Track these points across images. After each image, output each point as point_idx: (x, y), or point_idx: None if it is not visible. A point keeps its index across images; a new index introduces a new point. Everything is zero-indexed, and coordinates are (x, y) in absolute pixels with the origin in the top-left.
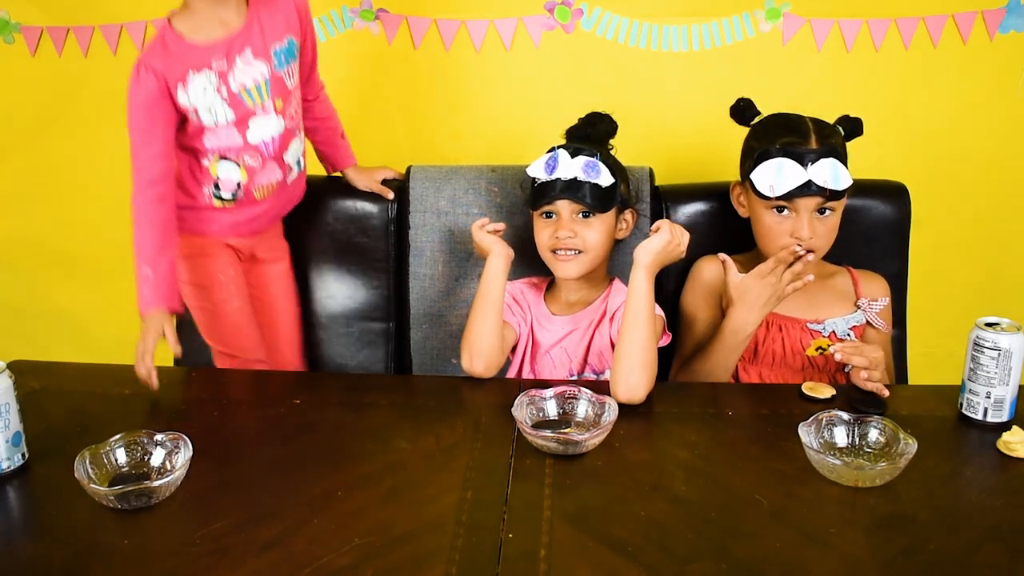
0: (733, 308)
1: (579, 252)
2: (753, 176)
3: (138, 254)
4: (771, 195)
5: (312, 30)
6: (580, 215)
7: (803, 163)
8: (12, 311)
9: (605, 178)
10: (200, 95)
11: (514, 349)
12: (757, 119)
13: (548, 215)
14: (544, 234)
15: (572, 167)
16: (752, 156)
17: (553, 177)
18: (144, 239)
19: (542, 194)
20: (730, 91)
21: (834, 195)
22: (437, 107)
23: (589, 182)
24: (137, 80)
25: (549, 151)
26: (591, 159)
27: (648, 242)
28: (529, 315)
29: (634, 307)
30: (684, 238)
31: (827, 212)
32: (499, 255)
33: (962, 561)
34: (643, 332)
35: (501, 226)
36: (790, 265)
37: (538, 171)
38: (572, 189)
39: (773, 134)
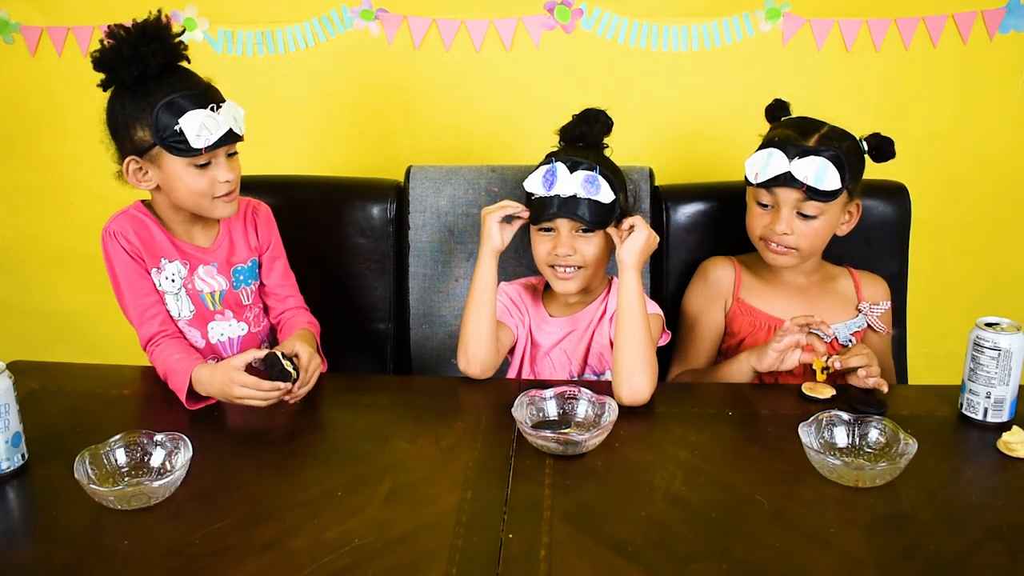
0: (752, 357)
1: (578, 268)
2: (746, 162)
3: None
4: (754, 182)
5: (275, 232)
6: (579, 231)
7: (789, 155)
8: (12, 311)
9: (605, 194)
10: (169, 284)
11: (512, 351)
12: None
13: (547, 229)
14: (542, 249)
15: (571, 183)
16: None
17: (552, 193)
18: (169, 364)
19: (540, 209)
20: (730, 91)
21: (814, 194)
22: (437, 107)
23: (589, 198)
24: (113, 241)
25: (545, 162)
26: (590, 173)
27: (630, 242)
28: (527, 317)
29: (630, 309)
30: (648, 226)
31: (811, 215)
32: (486, 250)
33: (962, 561)
34: (641, 333)
35: (517, 208)
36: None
37: (536, 186)
38: (571, 206)
39: (781, 128)
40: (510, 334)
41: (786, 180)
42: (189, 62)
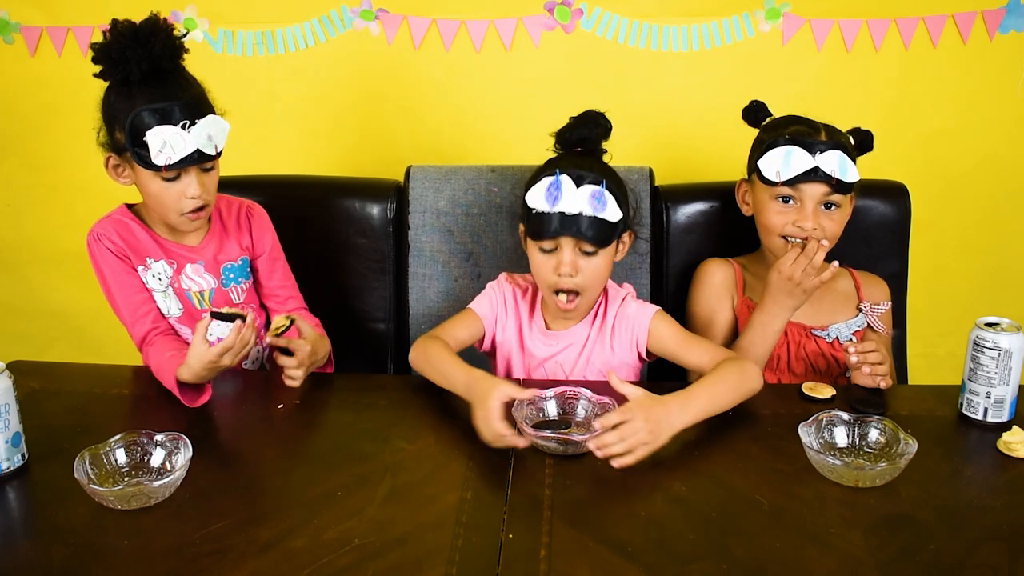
0: (764, 301)
1: (578, 295)
2: (760, 163)
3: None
4: (777, 180)
5: (272, 234)
6: (583, 251)
7: (811, 151)
8: (12, 311)
9: (612, 212)
10: (156, 282)
11: (494, 355)
12: (768, 120)
13: (548, 248)
14: (544, 269)
15: (577, 199)
16: (761, 147)
17: (556, 209)
18: (162, 362)
19: (540, 224)
20: (730, 91)
21: (841, 186)
22: (437, 107)
23: (595, 216)
24: (98, 244)
25: (548, 172)
26: (597, 188)
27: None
28: (511, 321)
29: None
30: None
31: (833, 207)
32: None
33: (962, 561)
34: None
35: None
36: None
37: (539, 201)
38: (575, 223)
39: (783, 126)
40: (480, 330)
41: (815, 175)
42: (179, 68)
